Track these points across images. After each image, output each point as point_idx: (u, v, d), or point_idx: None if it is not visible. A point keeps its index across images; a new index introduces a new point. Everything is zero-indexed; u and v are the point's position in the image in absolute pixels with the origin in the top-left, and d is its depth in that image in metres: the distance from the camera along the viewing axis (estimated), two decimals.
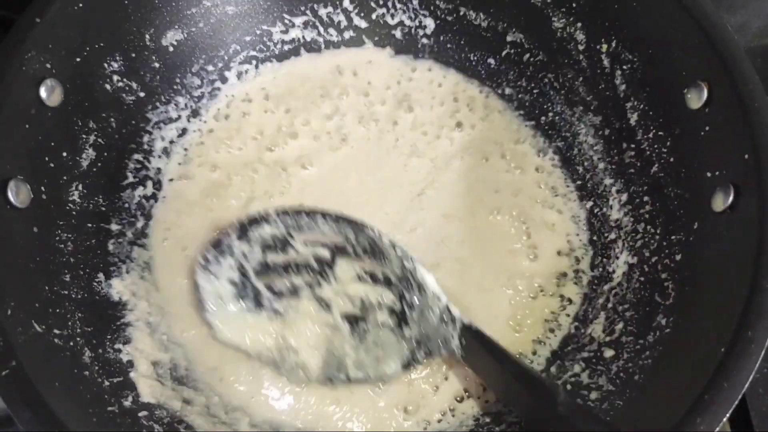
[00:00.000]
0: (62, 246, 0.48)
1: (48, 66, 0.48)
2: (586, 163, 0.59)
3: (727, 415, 0.36)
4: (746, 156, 0.42)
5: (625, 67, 0.54)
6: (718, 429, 0.36)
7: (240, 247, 0.47)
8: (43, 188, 0.47)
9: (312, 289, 0.48)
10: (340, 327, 0.47)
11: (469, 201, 0.58)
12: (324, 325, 0.48)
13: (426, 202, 0.58)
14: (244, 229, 0.48)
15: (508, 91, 0.64)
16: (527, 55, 0.62)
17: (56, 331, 0.43)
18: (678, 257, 0.47)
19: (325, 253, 0.47)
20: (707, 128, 0.46)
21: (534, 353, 0.52)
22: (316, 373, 0.46)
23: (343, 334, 0.47)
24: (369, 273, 0.48)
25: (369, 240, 0.46)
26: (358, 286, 0.47)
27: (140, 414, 0.44)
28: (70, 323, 0.45)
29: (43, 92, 0.47)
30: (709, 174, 0.46)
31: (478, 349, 0.45)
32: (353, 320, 0.48)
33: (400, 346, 0.47)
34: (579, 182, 0.59)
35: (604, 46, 0.55)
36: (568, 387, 0.48)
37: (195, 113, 0.62)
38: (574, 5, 0.56)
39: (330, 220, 0.46)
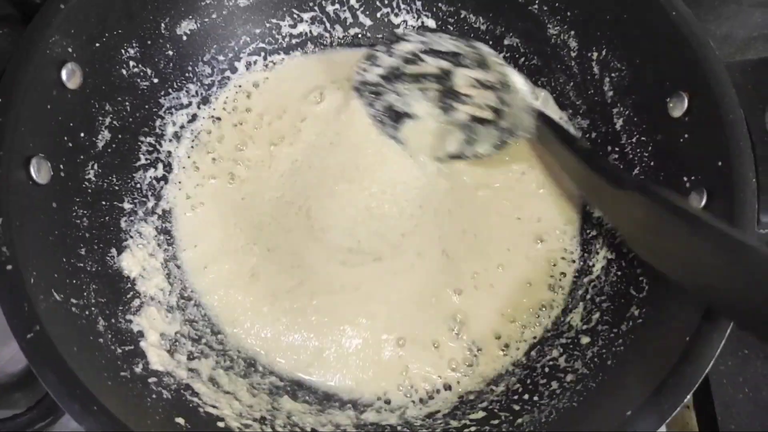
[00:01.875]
0: (78, 221, 0.51)
1: (69, 50, 0.50)
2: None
3: (688, 396, 0.40)
4: (719, 164, 0.45)
5: (613, 74, 0.57)
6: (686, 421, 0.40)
7: (385, 58, 0.61)
8: (62, 166, 0.49)
9: (437, 92, 0.61)
10: (456, 122, 0.61)
11: (464, 193, 0.62)
12: (442, 122, 0.61)
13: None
14: (389, 44, 0.61)
15: None
16: (522, 59, 0.65)
17: (73, 300, 0.46)
18: None
19: (447, 64, 0.60)
20: (686, 136, 0.50)
21: (519, 340, 0.56)
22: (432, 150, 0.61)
23: (455, 127, 0.61)
24: (478, 80, 0.59)
25: (477, 52, 0.60)
26: (470, 90, 0.60)
27: (150, 380, 0.47)
28: (85, 293, 0.48)
29: (64, 75, 0.49)
30: (685, 179, 0.49)
31: (548, 132, 0.57)
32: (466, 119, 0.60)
33: (494, 133, 0.60)
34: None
35: (595, 54, 0.59)
36: (546, 369, 0.52)
37: (205, 100, 0.65)
38: (568, 14, 0.60)
39: (451, 36, 0.61)
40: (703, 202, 0.46)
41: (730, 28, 0.83)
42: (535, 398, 0.50)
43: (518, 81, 0.59)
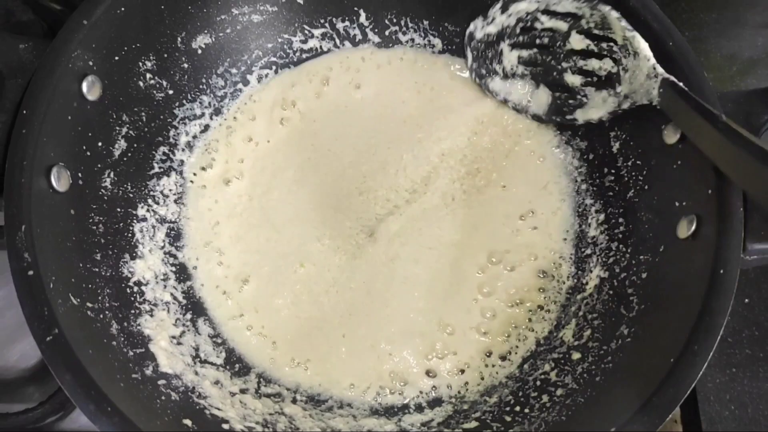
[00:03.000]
0: (95, 228, 0.53)
1: (90, 63, 0.52)
2: (570, 183, 0.64)
3: (669, 416, 0.42)
4: (709, 191, 0.47)
5: None
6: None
7: (500, 17, 0.62)
8: (80, 174, 0.52)
9: (550, 57, 0.61)
10: (567, 85, 0.61)
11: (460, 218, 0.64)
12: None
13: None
14: (505, 3, 0.61)
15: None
16: None
17: (89, 305, 0.48)
18: (644, 275, 0.53)
19: (563, 26, 0.60)
20: (679, 162, 0.51)
21: (509, 353, 0.58)
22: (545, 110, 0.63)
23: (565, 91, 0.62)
24: (597, 46, 0.58)
25: (600, 14, 0.57)
26: (586, 55, 0.59)
27: (159, 382, 0.49)
28: (100, 298, 0.50)
29: (84, 87, 0.52)
30: (677, 203, 0.51)
31: (675, 98, 0.51)
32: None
33: (609, 99, 0.58)
34: (563, 200, 0.64)
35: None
36: (538, 383, 0.54)
37: (217, 111, 0.67)
38: None
39: None
40: (693, 227, 0.48)
41: (734, 49, 0.85)
42: (526, 410, 0.52)
43: (643, 46, 0.54)
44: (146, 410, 0.46)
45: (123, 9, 0.54)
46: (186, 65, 0.63)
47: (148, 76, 0.59)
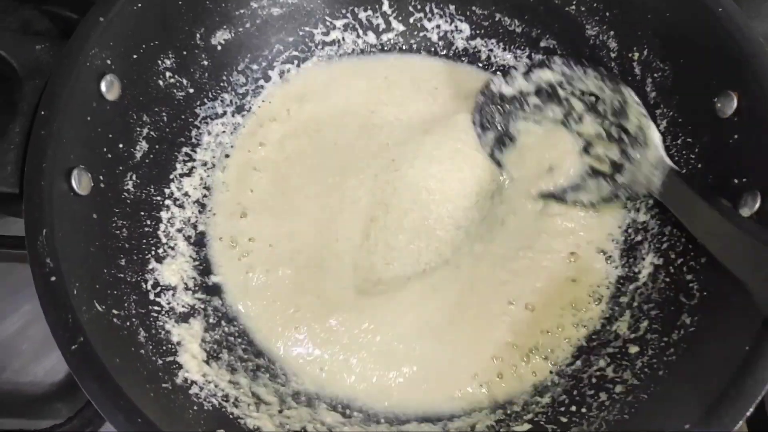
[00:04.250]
0: (118, 232, 0.51)
1: (108, 62, 0.51)
2: None
3: (750, 410, 0.38)
4: None
5: (655, 75, 0.56)
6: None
7: (520, 81, 0.59)
8: (101, 177, 0.50)
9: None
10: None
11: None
12: None
13: None
14: (530, 67, 0.59)
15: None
16: None
17: (114, 312, 0.46)
18: (703, 260, 0.49)
19: (579, 107, 0.58)
20: (735, 137, 0.48)
21: (561, 348, 0.54)
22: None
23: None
24: (606, 132, 0.57)
25: (620, 97, 0.55)
26: (594, 140, 0.58)
27: (191, 391, 0.47)
28: (126, 304, 0.48)
29: (103, 87, 0.50)
30: (735, 180, 0.47)
31: (680, 189, 0.50)
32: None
33: (605, 186, 0.57)
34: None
35: (636, 55, 0.57)
36: (593, 380, 0.50)
37: (239, 109, 0.65)
38: (607, 14, 0.58)
39: (599, 73, 0.57)
40: (758, 204, 0.45)
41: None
42: (583, 410, 0.48)
43: (655, 136, 0.53)
44: (178, 420, 0.43)
45: (140, 5, 0.53)
46: (206, 62, 0.61)
47: (168, 74, 0.57)
